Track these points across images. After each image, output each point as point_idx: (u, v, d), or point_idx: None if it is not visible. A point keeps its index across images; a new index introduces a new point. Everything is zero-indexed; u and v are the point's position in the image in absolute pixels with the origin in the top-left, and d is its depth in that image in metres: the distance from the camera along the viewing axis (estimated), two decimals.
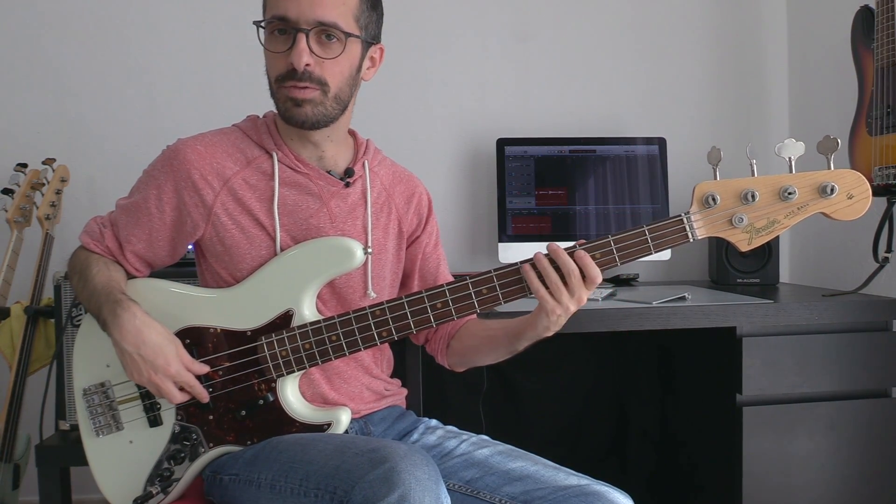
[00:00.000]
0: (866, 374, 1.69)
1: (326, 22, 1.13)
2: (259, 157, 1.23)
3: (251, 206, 1.21)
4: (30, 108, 2.11)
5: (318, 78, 1.15)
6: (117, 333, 1.12)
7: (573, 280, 1.10)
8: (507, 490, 1.13)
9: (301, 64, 1.13)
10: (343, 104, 1.21)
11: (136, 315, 1.13)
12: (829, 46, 2.11)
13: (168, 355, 1.12)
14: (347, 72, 1.18)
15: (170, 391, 1.13)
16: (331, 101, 1.18)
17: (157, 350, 1.12)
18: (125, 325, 1.11)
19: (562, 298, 1.11)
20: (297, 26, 1.13)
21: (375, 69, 1.27)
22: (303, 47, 1.13)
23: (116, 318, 1.12)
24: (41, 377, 1.72)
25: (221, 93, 2.14)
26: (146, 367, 1.12)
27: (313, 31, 1.13)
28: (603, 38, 2.29)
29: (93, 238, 1.25)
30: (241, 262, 1.21)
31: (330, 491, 1.00)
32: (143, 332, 1.12)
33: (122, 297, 1.15)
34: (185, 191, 1.20)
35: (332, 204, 1.24)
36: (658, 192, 2.09)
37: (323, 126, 1.20)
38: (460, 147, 2.27)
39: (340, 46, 1.15)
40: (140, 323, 1.12)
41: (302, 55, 1.13)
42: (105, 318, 1.14)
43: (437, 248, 1.39)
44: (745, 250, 1.13)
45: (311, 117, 1.17)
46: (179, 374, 1.13)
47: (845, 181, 1.10)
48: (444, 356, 1.36)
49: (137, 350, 1.11)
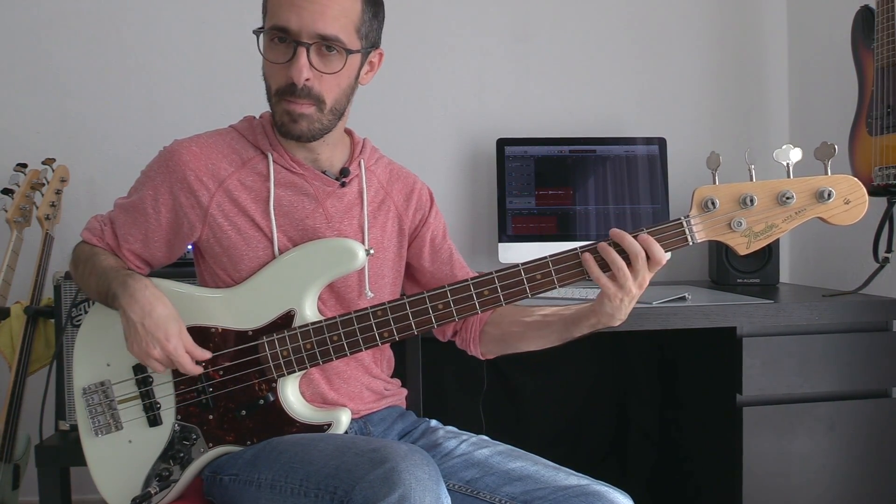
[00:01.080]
0: (866, 374, 1.69)
1: (329, 36, 1.12)
2: (254, 157, 1.23)
3: (247, 207, 1.21)
4: (30, 108, 2.11)
5: (316, 94, 1.15)
6: (126, 300, 1.12)
7: (639, 262, 1.10)
8: (506, 490, 1.13)
9: (301, 79, 1.13)
10: (339, 114, 1.21)
11: (147, 286, 1.14)
12: (829, 46, 2.11)
13: (169, 331, 1.12)
14: (346, 84, 1.19)
15: (155, 365, 1.13)
16: (327, 116, 1.18)
17: (159, 323, 1.12)
18: (135, 293, 1.12)
19: (626, 283, 1.10)
20: (298, 39, 1.11)
21: (374, 73, 1.27)
22: (303, 63, 1.12)
23: (127, 288, 1.13)
24: (41, 377, 1.72)
25: (221, 93, 2.14)
26: (147, 338, 1.11)
27: (314, 45, 1.13)
28: (603, 38, 2.29)
29: (94, 234, 1.26)
30: (239, 263, 1.21)
31: (330, 491, 1.00)
32: (152, 303, 1.12)
33: (133, 272, 1.17)
34: (181, 192, 1.20)
35: (328, 204, 1.24)
36: (658, 193, 2.09)
37: (319, 136, 1.21)
38: (460, 147, 2.27)
39: (341, 62, 1.15)
40: (150, 294, 1.13)
41: (302, 70, 1.12)
42: (115, 290, 1.14)
43: (446, 240, 1.38)
44: (743, 254, 1.15)
45: (306, 132, 1.17)
46: (176, 352, 1.12)
47: (842, 186, 1.12)
48: (478, 345, 1.34)
49: (142, 320, 1.11)
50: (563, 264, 1.14)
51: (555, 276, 1.14)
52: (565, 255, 1.14)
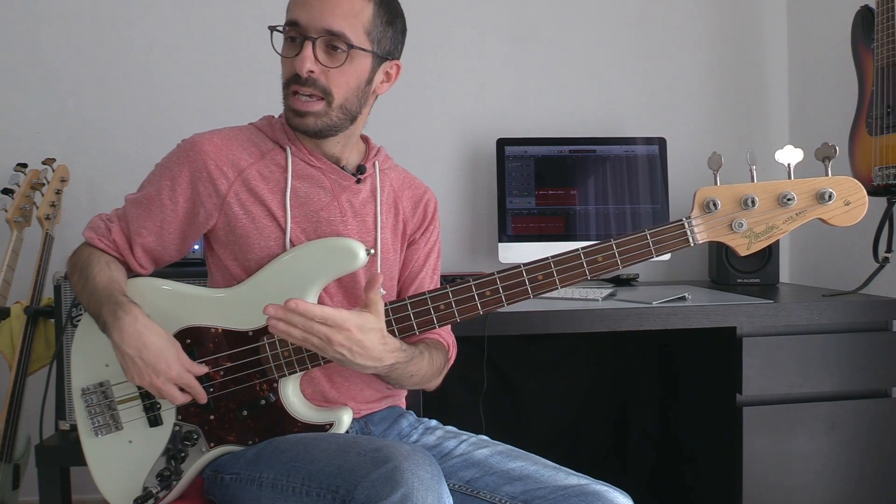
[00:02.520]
0: (866, 374, 1.69)
1: (334, 31, 1.14)
2: (273, 150, 1.25)
3: (264, 196, 1.21)
4: (30, 108, 2.11)
5: (322, 87, 1.17)
6: (118, 336, 1.12)
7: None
8: (506, 490, 1.13)
9: (304, 70, 1.14)
10: (351, 115, 1.22)
11: (137, 318, 1.12)
12: (829, 46, 2.11)
13: (169, 358, 1.12)
14: (354, 83, 1.19)
15: (171, 393, 1.13)
16: (336, 112, 1.19)
17: (158, 354, 1.11)
18: (126, 328, 1.11)
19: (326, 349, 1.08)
20: (305, 33, 1.15)
21: (391, 84, 1.28)
22: (307, 54, 1.14)
23: (117, 321, 1.12)
24: (41, 377, 1.72)
25: (221, 92, 2.14)
26: (147, 371, 1.11)
27: (321, 40, 1.15)
28: (603, 38, 2.29)
29: (98, 233, 1.25)
30: (250, 252, 1.21)
31: (332, 490, 1.00)
32: (144, 335, 1.11)
33: (123, 300, 1.14)
34: (200, 181, 1.21)
35: (343, 198, 1.25)
36: (658, 193, 2.09)
37: (329, 135, 1.22)
38: (460, 147, 2.27)
39: (345, 56, 1.16)
40: (141, 326, 1.12)
41: (305, 62, 1.14)
42: (105, 319, 1.14)
43: (427, 258, 1.36)
44: (744, 255, 1.16)
45: (312, 128, 1.19)
46: (181, 377, 1.13)
47: (843, 188, 1.13)
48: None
49: (139, 354, 1.11)
50: (564, 265, 1.14)
51: (556, 277, 1.15)
52: (567, 256, 1.14)
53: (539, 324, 1.61)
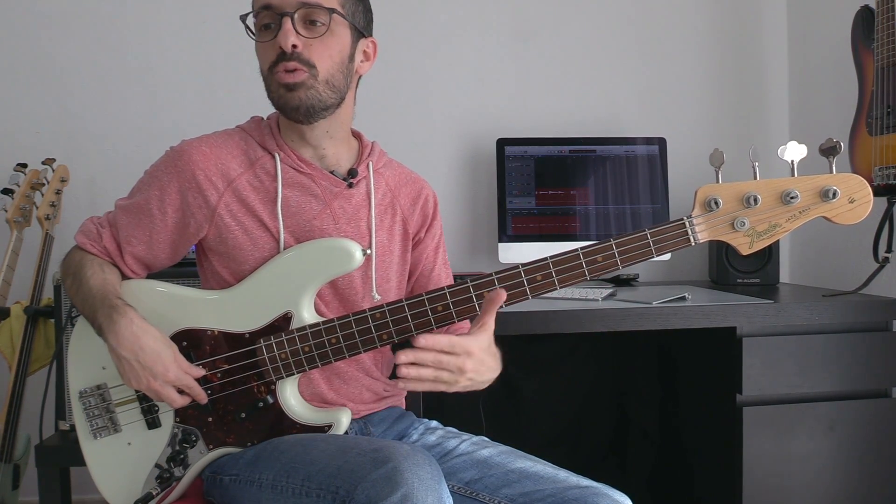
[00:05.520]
0: (866, 374, 1.69)
1: (309, 2, 1.14)
2: (262, 157, 1.23)
3: (255, 207, 1.20)
4: (30, 108, 2.11)
5: (306, 60, 1.15)
6: (114, 340, 1.11)
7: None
8: (506, 491, 1.13)
9: (288, 44, 1.13)
10: (338, 92, 1.19)
11: (132, 321, 1.11)
12: (829, 46, 2.11)
13: (166, 361, 1.12)
14: (337, 55, 1.18)
15: (170, 396, 1.13)
16: (322, 86, 1.17)
17: (155, 356, 1.11)
18: (122, 331, 1.10)
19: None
20: (281, 11, 1.14)
21: (370, 63, 1.27)
22: (288, 28, 1.13)
23: (113, 324, 1.11)
24: (41, 377, 1.72)
25: (221, 93, 2.14)
26: (145, 374, 1.11)
27: (298, 14, 1.14)
28: (603, 38, 2.29)
29: (89, 238, 1.24)
30: (243, 263, 1.20)
31: (332, 491, 1.00)
32: (140, 338, 1.11)
33: (117, 302, 1.14)
34: (189, 192, 1.19)
35: (335, 205, 1.23)
36: (658, 193, 2.09)
37: (319, 113, 1.18)
38: (460, 147, 2.27)
39: (325, 25, 1.15)
40: (137, 329, 1.11)
41: (288, 35, 1.13)
42: (101, 323, 1.13)
43: (437, 252, 1.38)
44: (745, 254, 1.13)
45: (304, 101, 1.16)
46: (179, 379, 1.13)
47: (847, 185, 1.10)
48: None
49: (136, 357, 1.10)
50: (563, 265, 1.14)
51: (555, 277, 1.14)
52: (566, 256, 1.14)
53: (539, 324, 1.61)
